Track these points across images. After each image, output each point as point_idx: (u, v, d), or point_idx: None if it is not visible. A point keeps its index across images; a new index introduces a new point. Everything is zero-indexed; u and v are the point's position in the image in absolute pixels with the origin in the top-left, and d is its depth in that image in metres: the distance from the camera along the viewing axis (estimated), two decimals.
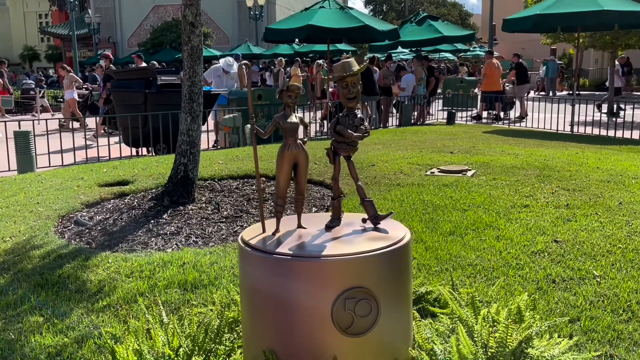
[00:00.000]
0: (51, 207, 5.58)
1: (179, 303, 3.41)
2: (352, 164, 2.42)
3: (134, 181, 6.60)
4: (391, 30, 12.72)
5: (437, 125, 14.20)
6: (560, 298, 3.34)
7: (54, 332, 3.18)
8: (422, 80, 15.12)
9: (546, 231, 4.38)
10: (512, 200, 5.21)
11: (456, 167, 6.78)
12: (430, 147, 8.88)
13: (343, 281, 2.03)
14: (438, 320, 2.66)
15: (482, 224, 4.54)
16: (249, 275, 2.20)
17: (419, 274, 3.65)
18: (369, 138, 2.26)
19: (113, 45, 40.55)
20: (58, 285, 3.77)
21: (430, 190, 5.64)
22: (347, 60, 2.30)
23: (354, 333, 2.04)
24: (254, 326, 2.20)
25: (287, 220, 2.46)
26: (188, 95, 5.38)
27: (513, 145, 9.17)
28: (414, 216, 4.80)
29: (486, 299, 3.28)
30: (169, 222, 4.92)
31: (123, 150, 10.21)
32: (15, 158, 8.71)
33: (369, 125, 13.32)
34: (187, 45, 5.32)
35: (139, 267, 3.95)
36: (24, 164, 8.65)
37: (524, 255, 3.94)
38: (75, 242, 4.64)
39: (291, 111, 2.33)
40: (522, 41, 39.60)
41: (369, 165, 7.08)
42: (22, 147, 8.64)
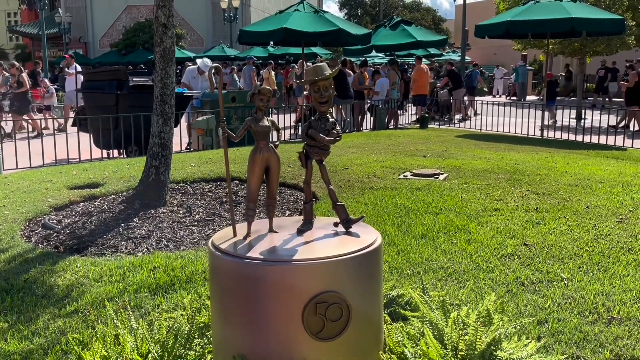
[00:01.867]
0: (18, 211, 5.45)
1: (149, 307, 3.36)
2: (324, 168, 2.42)
3: (104, 184, 6.50)
4: (365, 34, 12.77)
5: (410, 129, 14.31)
6: (529, 300, 3.39)
7: (19, 338, 3.11)
8: (395, 85, 15.23)
9: (516, 234, 4.45)
10: (483, 203, 5.27)
11: (429, 170, 6.84)
12: (404, 151, 8.95)
13: (314, 285, 2.02)
14: (409, 324, 2.67)
15: (454, 227, 4.58)
16: (219, 280, 2.18)
17: (391, 277, 3.67)
18: (343, 141, 2.27)
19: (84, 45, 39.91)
20: (24, 290, 3.68)
21: (403, 194, 5.68)
22: (319, 65, 2.30)
23: (324, 337, 2.03)
24: (223, 331, 2.18)
25: (258, 224, 2.45)
26: (160, 97, 5.32)
27: (484, 150, 9.30)
28: (387, 219, 4.83)
29: (457, 302, 3.31)
30: (140, 226, 4.85)
31: (94, 152, 10.05)
32: None
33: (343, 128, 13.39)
34: (160, 46, 5.27)
35: (108, 271, 3.89)
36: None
37: (494, 258, 4.00)
38: (42, 246, 4.55)
39: (263, 114, 2.32)
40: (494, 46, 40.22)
41: (343, 168, 7.10)
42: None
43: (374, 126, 14.41)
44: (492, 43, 35.88)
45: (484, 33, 13.57)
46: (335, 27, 12.12)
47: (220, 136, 10.73)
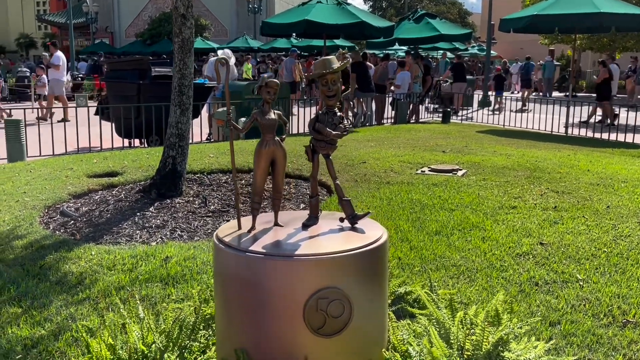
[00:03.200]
0: (38, 197, 5.54)
1: (159, 297, 3.39)
2: (331, 163, 2.40)
3: (123, 173, 6.57)
4: (388, 27, 12.67)
5: (432, 123, 14.19)
6: (542, 301, 3.33)
7: (32, 323, 3.16)
8: (418, 78, 15.10)
9: (532, 233, 4.37)
10: (501, 201, 5.20)
11: (447, 166, 6.77)
12: (423, 146, 8.87)
13: (316, 281, 2.01)
14: (416, 321, 2.64)
15: (469, 225, 4.52)
16: (222, 273, 2.18)
17: (402, 273, 3.64)
18: (362, 135, 2.24)
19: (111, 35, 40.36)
20: (39, 276, 3.74)
21: (419, 189, 5.63)
22: (327, 58, 2.27)
23: (326, 333, 2.02)
24: (226, 324, 2.18)
25: (265, 218, 2.44)
26: (178, 88, 5.34)
27: (506, 146, 9.17)
28: (401, 215, 4.79)
29: (467, 300, 3.27)
30: (155, 215, 4.89)
31: (116, 141, 10.16)
32: (5, 146, 8.65)
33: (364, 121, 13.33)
34: (178, 37, 5.28)
35: (121, 259, 3.93)
36: (14, 153, 8.60)
37: (508, 257, 3.94)
38: (59, 233, 4.61)
39: (269, 107, 2.31)
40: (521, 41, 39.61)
41: (360, 162, 7.06)
42: (13, 136, 8.59)
43: (394, 120, 14.32)
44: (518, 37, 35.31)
45: (509, 27, 13.37)
46: (357, 19, 12.06)
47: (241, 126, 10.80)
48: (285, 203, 5.28)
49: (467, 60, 38.13)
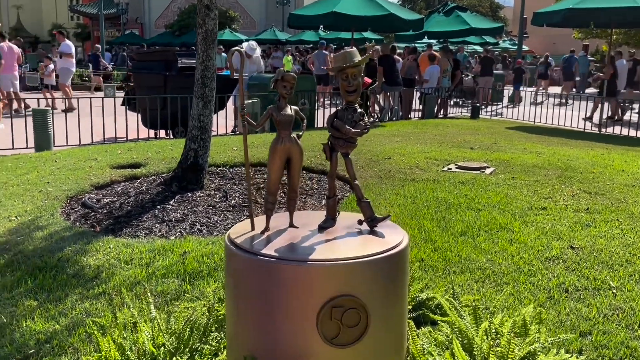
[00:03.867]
0: (60, 188, 5.54)
1: (174, 294, 3.32)
2: (350, 162, 2.27)
3: (146, 164, 6.54)
4: (417, 20, 12.44)
5: (460, 118, 13.92)
6: (572, 309, 3.17)
7: (46, 317, 3.12)
8: (447, 73, 14.81)
9: (563, 236, 4.19)
10: (530, 201, 5.01)
11: (475, 163, 6.58)
12: (451, 142, 8.67)
13: (330, 288, 1.90)
14: (438, 329, 2.52)
15: (496, 226, 4.36)
16: (233, 275, 2.08)
17: (425, 276, 3.51)
18: (388, 130, 2.13)
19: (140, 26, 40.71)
20: (56, 268, 3.71)
21: (445, 187, 5.47)
22: (348, 50, 2.15)
23: (340, 344, 1.91)
24: (237, 329, 2.08)
25: (279, 218, 2.33)
26: (200, 80, 5.27)
27: (536, 143, 8.91)
28: (426, 214, 4.64)
29: (492, 307, 3.12)
30: (175, 209, 4.83)
31: (142, 132, 10.18)
32: (33, 136, 8.72)
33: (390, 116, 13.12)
34: (202, 28, 5.20)
35: (139, 253, 3.88)
36: (41, 142, 8.66)
37: (537, 260, 3.77)
38: (79, 224, 4.59)
39: (286, 103, 2.20)
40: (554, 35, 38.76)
41: (385, 158, 6.92)
42: (40, 125, 8.65)
43: (422, 115, 14.09)
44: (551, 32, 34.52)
45: (542, 21, 13.01)
46: (386, 11, 11.86)
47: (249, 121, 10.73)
48: (307, 199, 5.17)
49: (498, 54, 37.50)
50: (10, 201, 5.19)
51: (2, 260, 3.88)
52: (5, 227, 4.50)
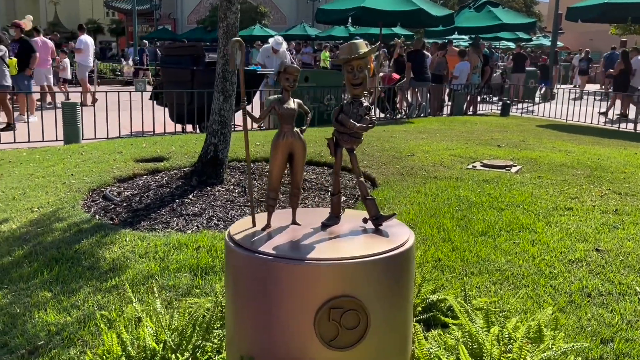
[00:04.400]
0: (84, 180, 5.59)
1: (186, 289, 3.30)
2: (355, 157, 2.20)
3: (169, 158, 6.57)
4: (447, 15, 12.22)
5: (490, 116, 13.65)
6: (594, 314, 3.04)
7: (59, 309, 3.13)
8: (477, 69, 14.54)
9: (588, 238, 4.03)
10: (555, 201, 4.85)
11: (500, 162, 6.42)
12: (477, 139, 8.49)
13: (328, 288, 1.83)
14: (448, 332, 2.43)
15: (518, 226, 4.22)
16: (232, 273, 2.03)
17: (441, 276, 3.41)
18: (414, 126, 2.05)
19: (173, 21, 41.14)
20: (72, 260, 3.73)
21: (468, 186, 5.34)
22: (354, 42, 2.07)
23: (338, 346, 1.84)
24: (235, 327, 2.03)
25: (282, 215, 2.27)
26: (221, 74, 5.24)
27: (567, 142, 8.66)
28: (446, 212, 4.53)
29: (509, 311, 3.01)
30: (194, 203, 4.83)
31: (169, 126, 10.25)
32: (62, 129, 8.86)
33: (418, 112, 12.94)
34: (223, 22, 5.18)
35: (154, 247, 3.87)
36: (70, 135, 8.79)
37: (559, 263, 3.63)
38: (99, 217, 4.61)
39: (289, 95, 2.13)
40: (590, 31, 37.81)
41: (408, 154, 6.80)
42: (69, 119, 8.78)
43: (451, 112, 13.86)
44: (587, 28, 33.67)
45: (576, 16, 12.67)
46: (415, 6, 11.68)
47: None
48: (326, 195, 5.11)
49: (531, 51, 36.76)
50: (34, 193, 5.26)
51: (21, 251, 3.93)
52: (27, 218, 4.56)
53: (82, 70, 14.58)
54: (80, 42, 14.48)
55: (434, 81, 13.47)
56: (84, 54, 14.46)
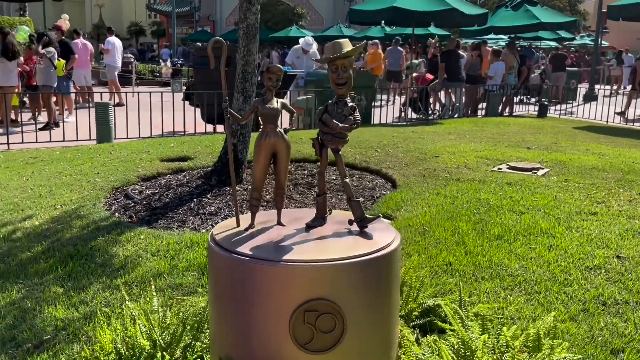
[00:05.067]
0: (108, 179, 5.71)
1: (192, 287, 3.33)
2: (340, 158, 2.16)
3: (194, 158, 6.64)
4: (481, 14, 12.01)
5: (526, 117, 13.34)
6: (607, 323, 2.92)
7: (68, 305, 3.20)
8: (513, 69, 14.23)
9: (610, 244, 3.88)
10: (580, 205, 4.69)
11: (528, 164, 6.25)
12: (507, 141, 8.31)
13: (303, 291, 1.80)
14: (444, 338, 2.37)
15: (536, 230, 4.10)
16: (212, 274, 2.03)
17: (450, 280, 3.34)
18: (443, 127, 1.99)
19: (212, 23, 41.71)
20: (87, 257, 3.81)
21: (491, 189, 5.22)
22: (338, 41, 2.04)
23: (314, 350, 1.81)
24: (216, 329, 2.03)
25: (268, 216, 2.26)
26: (241, 75, 5.27)
27: (602, 144, 8.39)
28: (463, 215, 4.44)
29: (517, 317, 2.92)
30: (211, 202, 4.86)
31: (200, 126, 10.39)
32: (95, 128, 9.08)
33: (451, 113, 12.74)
34: (243, 23, 5.21)
35: (166, 245, 3.92)
36: (102, 134, 9.01)
37: (575, 269, 3.51)
38: (118, 215, 4.70)
39: (272, 95, 2.11)
40: (637, 30, 36.54)
41: (433, 156, 6.70)
42: (102, 118, 8.99)
43: (485, 113, 13.61)
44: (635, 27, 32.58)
45: (618, 15, 12.29)
46: (448, 6, 11.52)
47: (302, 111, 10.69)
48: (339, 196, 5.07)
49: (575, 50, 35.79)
50: (59, 190, 5.40)
51: (40, 247, 4.03)
52: (50, 215, 4.68)
53: (111, 71, 14.86)
54: (108, 44, 14.79)
55: (468, 82, 13.26)
56: (112, 55, 14.75)
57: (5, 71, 10.24)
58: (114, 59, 14.78)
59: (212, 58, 2.10)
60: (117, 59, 14.85)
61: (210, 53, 2.14)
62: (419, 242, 3.92)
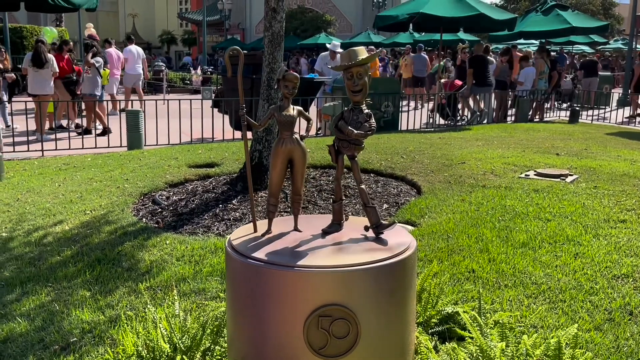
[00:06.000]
0: (137, 185, 5.82)
1: (215, 292, 3.36)
2: (356, 165, 2.16)
3: (221, 164, 6.72)
4: (509, 19, 11.87)
5: (557, 123, 13.12)
6: (633, 334, 2.85)
7: (94, 308, 3.27)
8: (543, 74, 14.01)
9: (638, 253, 3.79)
10: (608, 213, 4.59)
11: (556, 170, 6.15)
12: (536, 147, 8.18)
13: (317, 297, 1.81)
14: (463, 346, 2.35)
15: (562, 238, 4.03)
16: (230, 278, 2.05)
17: (472, 288, 3.30)
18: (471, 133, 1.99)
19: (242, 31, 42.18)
20: (114, 261, 3.89)
21: (517, 195, 5.15)
22: (354, 49, 2.05)
23: (328, 355, 1.81)
24: (233, 332, 2.05)
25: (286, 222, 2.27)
26: (267, 82, 5.33)
27: (635, 150, 8.19)
28: (487, 222, 4.39)
29: (540, 326, 2.88)
30: (236, 208, 4.92)
31: (229, 133, 10.50)
32: (126, 135, 9.26)
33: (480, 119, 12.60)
34: (268, 31, 5.26)
35: (191, 250, 3.98)
36: (133, 141, 9.17)
37: (602, 278, 3.44)
38: (145, 220, 4.78)
39: (288, 103, 2.13)
40: None
41: (459, 162, 6.64)
42: (132, 125, 9.16)
43: (515, 119, 13.42)
44: None
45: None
46: (475, 11, 11.42)
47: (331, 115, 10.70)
48: None
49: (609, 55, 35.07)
50: (90, 196, 5.53)
51: (69, 251, 4.13)
52: (80, 220, 4.79)
53: (127, 78, 14.97)
54: (127, 52, 14.98)
55: (497, 87, 13.10)
56: (130, 63, 14.93)
57: (39, 79, 10.54)
58: (132, 66, 14.98)
59: (229, 67, 2.14)
60: (135, 66, 15.01)
61: (227, 62, 2.17)
62: (442, 249, 3.89)
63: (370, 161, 6.51)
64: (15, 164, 7.70)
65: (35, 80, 10.58)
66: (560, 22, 14.51)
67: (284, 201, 5.10)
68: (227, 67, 2.29)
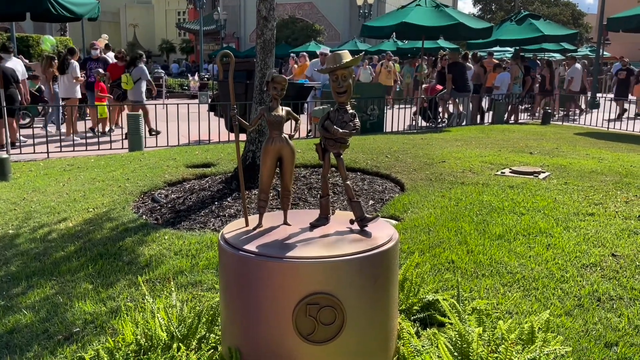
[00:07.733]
0: (137, 184, 5.77)
1: (211, 284, 3.34)
2: (342, 162, 2.16)
3: (217, 164, 6.69)
4: (485, 28, 11.91)
5: (530, 124, 13.19)
6: (601, 318, 2.86)
7: (96, 300, 3.24)
8: (518, 79, 14.10)
9: (605, 243, 3.81)
10: (578, 207, 4.62)
11: (529, 168, 6.18)
12: (511, 147, 8.22)
13: (305, 286, 1.80)
14: (443, 331, 2.34)
15: (535, 230, 4.05)
16: (222, 269, 2.04)
17: (452, 277, 3.31)
18: (450, 134, 1.98)
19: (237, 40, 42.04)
20: (115, 256, 3.85)
21: (493, 191, 5.16)
22: (338, 52, 2.04)
23: (316, 340, 1.81)
24: (226, 321, 2.03)
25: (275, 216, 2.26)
26: (259, 87, 5.31)
27: (601, 149, 8.25)
28: (466, 216, 4.40)
29: (514, 312, 2.88)
30: (231, 205, 4.89)
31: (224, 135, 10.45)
32: (127, 138, 9.20)
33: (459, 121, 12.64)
34: (260, 38, 5.24)
35: (188, 245, 3.95)
36: (134, 143, 9.11)
37: (572, 267, 3.45)
38: (145, 217, 4.75)
39: (277, 103, 2.12)
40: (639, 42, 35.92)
41: (440, 161, 6.65)
42: (133, 128, 9.10)
43: (492, 121, 13.48)
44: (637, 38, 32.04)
45: (617, 27, 12.09)
46: (454, 20, 11.44)
47: None
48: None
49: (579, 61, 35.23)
50: (93, 195, 5.48)
51: (72, 247, 4.09)
52: (83, 218, 4.75)
53: None
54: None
55: (475, 92, 13.16)
56: None
57: (63, 84, 10.70)
58: None
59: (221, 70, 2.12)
60: None
61: (219, 65, 2.15)
62: (423, 242, 3.89)
63: (357, 160, 6.50)
64: (21, 165, 7.62)
65: (61, 85, 10.89)
66: (533, 31, 14.57)
67: (276, 198, 5.08)
68: (220, 70, 2.27)
